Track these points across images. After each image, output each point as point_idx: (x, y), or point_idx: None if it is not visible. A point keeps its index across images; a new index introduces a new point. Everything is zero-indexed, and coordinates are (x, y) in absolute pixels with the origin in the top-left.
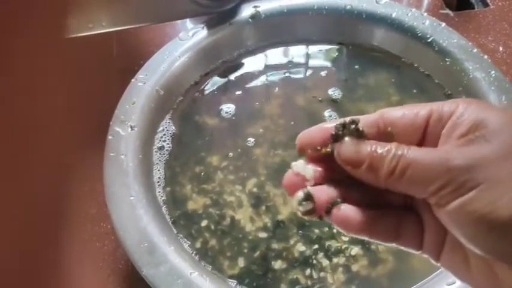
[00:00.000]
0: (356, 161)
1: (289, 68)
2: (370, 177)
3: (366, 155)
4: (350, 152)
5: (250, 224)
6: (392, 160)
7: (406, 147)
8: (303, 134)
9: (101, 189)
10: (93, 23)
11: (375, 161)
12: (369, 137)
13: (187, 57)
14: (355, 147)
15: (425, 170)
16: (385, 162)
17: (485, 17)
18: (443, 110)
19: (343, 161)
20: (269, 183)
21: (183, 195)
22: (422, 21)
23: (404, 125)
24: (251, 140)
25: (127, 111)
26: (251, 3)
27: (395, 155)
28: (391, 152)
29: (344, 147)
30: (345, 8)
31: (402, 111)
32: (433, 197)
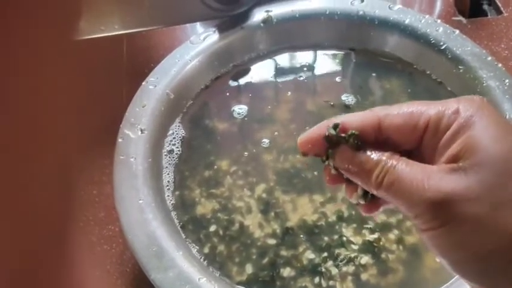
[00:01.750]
0: (348, 170)
1: (300, 73)
2: (363, 184)
3: (358, 164)
4: (343, 162)
5: (259, 230)
6: (380, 173)
7: (396, 160)
8: (302, 138)
9: (109, 192)
10: (106, 25)
11: (365, 172)
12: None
13: (198, 61)
14: (348, 157)
15: (407, 191)
16: (374, 174)
17: (498, 24)
18: (440, 124)
19: (338, 167)
20: (278, 189)
21: (191, 200)
22: (435, 28)
23: (403, 133)
24: (261, 145)
25: (137, 114)
26: (263, 8)
27: (384, 168)
28: (379, 165)
29: (338, 156)
30: (357, 14)
31: (402, 119)
32: (413, 220)
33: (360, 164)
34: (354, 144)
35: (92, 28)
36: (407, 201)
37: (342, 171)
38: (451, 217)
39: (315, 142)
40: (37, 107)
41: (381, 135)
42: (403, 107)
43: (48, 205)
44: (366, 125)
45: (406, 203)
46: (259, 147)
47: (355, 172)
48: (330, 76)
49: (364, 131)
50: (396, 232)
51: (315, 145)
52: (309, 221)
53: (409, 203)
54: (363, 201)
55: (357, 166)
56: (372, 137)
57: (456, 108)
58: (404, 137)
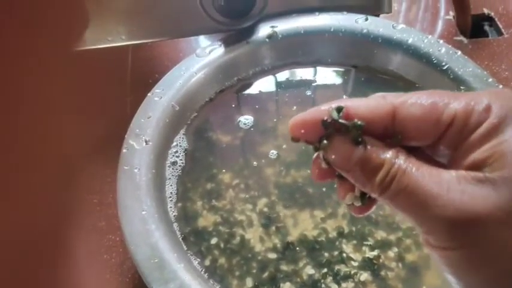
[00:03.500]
0: (344, 167)
1: (304, 88)
2: (361, 187)
3: (357, 162)
4: (338, 157)
5: (259, 244)
6: (386, 177)
7: (406, 161)
8: (296, 120)
9: (110, 201)
10: (113, 36)
11: (366, 173)
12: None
13: (204, 74)
14: (346, 152)
15: (419, 203)
16: (378, 177)
17: (499, 45)
18: (468, 122)
19: (331, 162)
20: (280, 203)
21: (194, 212)
22: (438, 48)
23: (422, 127)
24: (263, 159)
25: (142, 125)
26: (268, 23)
27: (391, 171)
28: (385, 166)
29: (333, 149)
30: (361, 32)
31: (422, 111)
32: (422, 234)
33: (360, 162)
34: (356, 137)
35: (99, 38)
36: (418, 215)
37: (336, 168)
38: (474, 241)
39: (310, 126)
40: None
41: (393, 127)
42: (422, 96)
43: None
44: (376, 114)
45: (416, 217)
46: (262, 160)
47: (352, 171)
48: (334, 92)
49: (373, 121)
50: (396, 250)
51: (310, 130)
52: (310, 236)
53: (421, 217)
54: (360, 203)
55: (356, 164)
56: (381, 129)
57: (487, 104)
58: (422, 131)
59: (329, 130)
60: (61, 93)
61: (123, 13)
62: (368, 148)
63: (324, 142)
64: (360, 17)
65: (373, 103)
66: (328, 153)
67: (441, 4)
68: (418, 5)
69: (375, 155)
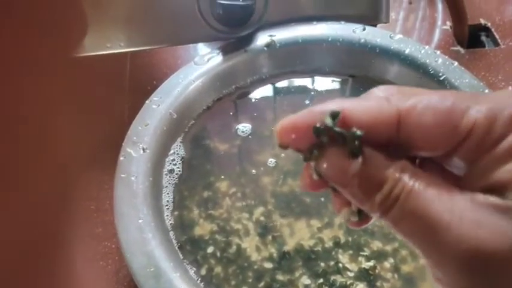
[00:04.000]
0: (339, 182)
1: (302, 97)
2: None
3: (354, 178)
4: (332, 171)
5: (256, 254)
6: (387, 197)
7: (412, 178)
8: (284, 124)
9: (107, 208)
10: (112, 42)
11: (364, 191)
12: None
13: (202, 82)
14: (341, 166)
15: (428, 232)
16: (378, 197)
17: (495, 56)
18: (491, 132)
19: (324, 175)
20: (276, 212)
21: (190, 220)
22: (435, 59)
23: (433, 137)
24: (260, 167)
25: (140, 133)
26: (266, 32)
27: (394, 191)
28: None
29: (326, 161)
30: (358, 42)
31: (435, 118)
32: (428, 266)
33: (357, 177)
34: (353, 149)
35: (98, 45)
36: (425, 246)
37: (329, 181)
38: (490, 283)
39: (300, 132)
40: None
41: (398, 136)
42: (435, 98)
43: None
44: (378, 121)
45: (423, 248)
46: (259, 169)
47: (349, 186)
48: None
49: (374, 129)
50: (392, 261)
51: (300, 136)
52: (306, 246)
53: (428, 249)
54: (356, 218)
55: (352, 179)
56: (384, 138)
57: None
58: (435, 142)
59: (322, 138)
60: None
61: (122, 20)
62: (367, 161)
63: (315, 153)
64: (358, 27)
65: (375, 107)
66: (319, 165)
67: (438, 14)
68: (415, 14)
69: (375, 170)
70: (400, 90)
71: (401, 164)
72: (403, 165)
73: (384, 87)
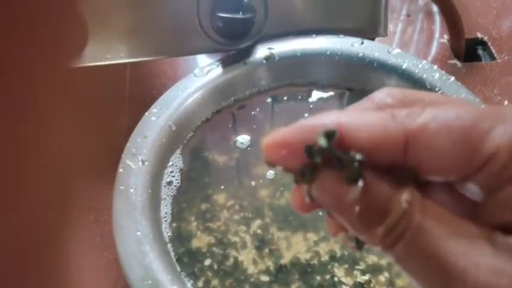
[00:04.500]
0: (335, 209)
1: (300, 109)
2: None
3: (353, 202)
4: (327, 197)
5: (253, 266)
6: (391, 232)
7: (421, 210)
8: (272, 139)
9: (106, 218)
10: (112, 53)
11: (364, 222)
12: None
13: (201, 94)
14: (338, 193)
15: (439, 276)
16: (380, 231)
17: (492, 69)
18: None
19: (319, 201)
20: (274, 225)
21: (188, 232)
22: (431, 74)
23: (448, 163)
24: (258, 180)
25: (139, 145)
26: (266, 45)
27: (400, 225)
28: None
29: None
30: (357, 55)
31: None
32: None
33: (357, 205)
34: (353, 175)
35: (98, 56)
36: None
37: (324, 207)
38: None
39: (290, 149)
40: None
41: (405, 159)
42: (449, 113)
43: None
44: (383, 143)
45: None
46: (257, 182)
47: (347, 214)
48: None
49: (377, 152)
50: (387, 275)
51: (290, 154)
52: (302, 259)
53: None
54: (353, 244)
55: (351, 206)
56: (388, 161)
57: None
58: (449, 167)
59: (315, 159)
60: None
61: (123, 31)
62: (368, 187)
63: (307, 175)
64: (356, 41)
65: (379, 126)
66: (313, 190)
67: (436, 27)
68: (413, 27)
69: (377, 198)
70: (406, 96)
71: (407, 193)
72: (410, 193)
73: (387, 91)
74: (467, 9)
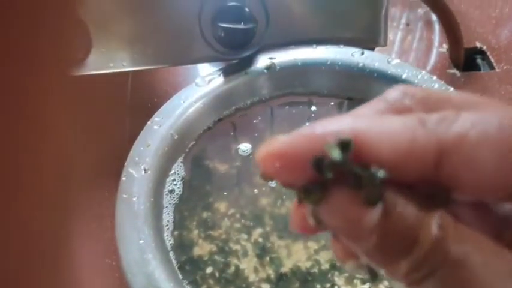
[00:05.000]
0: (350, 236)
1: (301, 118)
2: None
3: (372, 235)
4: (339, 222)
5: (254, 275)
6: (420, 266)
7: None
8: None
9: (108, 225)
10: (115, 62)
11: (386, 254)
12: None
13: (202, 103)
14: (353, 216)
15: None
16: (405, 264)
17: (490, 79)
18: None
19: (328, 225)
20: (274, 234)
21: (190, 240)
22: (431, 84)
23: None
24: (259, 189)
25: (141, 154)
26: (267, 55)
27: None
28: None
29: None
30: (357, 66)
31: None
32: None
33: (377, 232)
34: (373, 196)
35: (101, 65)
36: None
37: (333, 231)
38: None
39: (292, 162)
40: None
41: (438, 176)
42: (491, 120)
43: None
44: (411, 157)
45: None
46: (258, 190)
47: (364, 241)
48: None
49: (404, 168)
50: (386, 284)
51: (291, 167)
52: (303, 267)
53: None
54: (366, 275)
55: (370, 233)
56: (415, 178)
57: None
58: (493, 184)
59: (326, 175)
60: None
61: (125, 40)
62: (390, 211)
63: (315, 193)
64: (356, 51)
65: (405, 135)
66: (321, 211)
67: (435, 36)
68: (412, 36)
69: (402, 225)
70: (428, 96)
71: (439, 217)
72: (442, 218)
73: (403, 89)
74: (466, 18)
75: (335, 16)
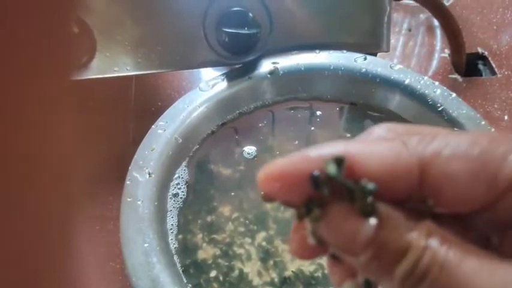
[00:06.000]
0: (347, 250)
1: (303, 123)
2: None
3: (368, 244)
4: (338, 235)
5: (257, 278)
6: (414, 270)
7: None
8: (269, 171)
9: (112, 228)
10: (119, 66)
11: (382, 261)
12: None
13: (206, 107)
14: (351, 228)
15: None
16: (401, 269)
17: (492, 84)
18: None
19: (326, 239)
20: (278, 238)
21: (194, 244)
22: (433, 89)
23: (465, 192)
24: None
25: (146, 157)
26: (270, 59)
27: (422, 262)
28: (414, 252)
29: (330, 222)
30: (359, 71)
31: (467, 167)
32: None
33: (372, 245)
34: (365, 207)
35: (105, 69)
36: None
37: (333, 248)
38: None
39: (291, 182)
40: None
41: (421, 191)
42: (462, 141)
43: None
44: (397, 172)
45: None
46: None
47: (360, 256)
48: (332, 127)
49: (391, 183)
50: None
51: (291, 187)
52: (306, 271)
53: None
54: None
55: (365, 247)
56: (401, 194)
57: None
58: (466, 197)
59: (322, 191)
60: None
61: (130, 45)
62: (383, 224)
63: (315, 211)
64: (359, 56)
65: (390, 154)
66: (321, 228)
67: (437, 42)
68: (414, 41)
69: (394, 235)
70: (410, 130)
71: (426, 226)
72: (429, 227)
73: (387, 126)
74: (468, 24)
75: (338, 21)
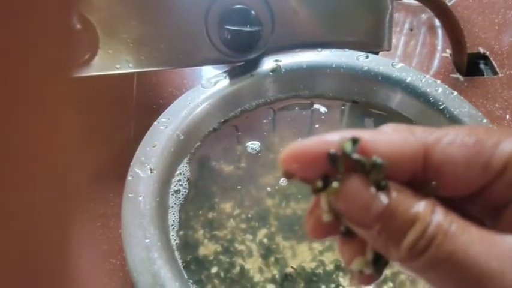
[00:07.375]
0: (359, 220)
1: (305, 120)
2: (380, 247)
3: (380, 215)
4: (353, 205)
5: (259, 275)
6: (420, 239)
7: (448, 218)
8: (292, 150)
9: (113, 225)
10: (121, 64)
11: (391, 231)
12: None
13: (208, 104)
14: (365, 199)
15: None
16: (409, 239)
17: (493, 84)
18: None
19: (342, 210)
20: (279, 234)
21: (195, 240)
22: (435, 88)
23: (462, 174)
24: (264, 190)
25: (148, 154)
26: (272, 57)
27: (428, 232)
28: (421, 223)
29: (345, 193)
30: (361, 69)
31: (464, 152)
32: None
33: (382, 217)
34: (377, 179)
35: (107, 66)
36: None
37: (351, 222)
38: None
39: (310, 160)
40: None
41: (425, 173)
42: (461, 132)
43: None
44: (403, 153)
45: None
46: (262, 191)
47: (372, 227)
48: (334, 125)
49: (398, 163)
50: (391, 285)
51: (310, 165)
52: (308, 268)
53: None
54: (371, 270)
55: (376, 220)
56: (408, 175)
57: None
58: (464, 180)
59: (338, 167)
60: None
61: (132, 42)
62: (393, 197)
63: (334, 184)
64: (361, 55)
65: (398, 139)
66: (338, 200)
67: (439, 41)
68: (416, 41)
69: (403, 208)
70: (423, 128)
71: (432, 202)
72: (434, 203)
73: (393, 126)
74: (469, 24)
75: (340, 20)
